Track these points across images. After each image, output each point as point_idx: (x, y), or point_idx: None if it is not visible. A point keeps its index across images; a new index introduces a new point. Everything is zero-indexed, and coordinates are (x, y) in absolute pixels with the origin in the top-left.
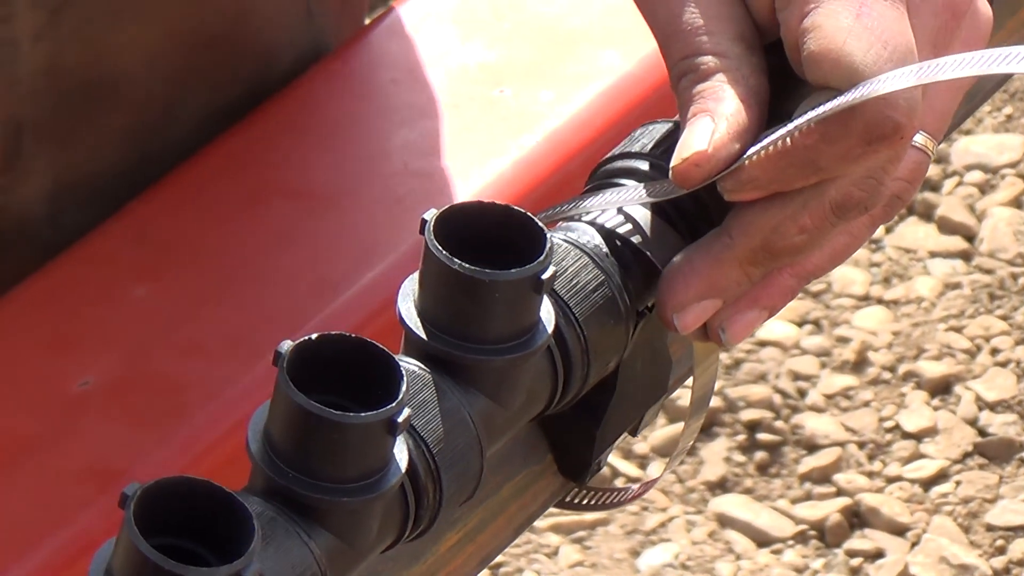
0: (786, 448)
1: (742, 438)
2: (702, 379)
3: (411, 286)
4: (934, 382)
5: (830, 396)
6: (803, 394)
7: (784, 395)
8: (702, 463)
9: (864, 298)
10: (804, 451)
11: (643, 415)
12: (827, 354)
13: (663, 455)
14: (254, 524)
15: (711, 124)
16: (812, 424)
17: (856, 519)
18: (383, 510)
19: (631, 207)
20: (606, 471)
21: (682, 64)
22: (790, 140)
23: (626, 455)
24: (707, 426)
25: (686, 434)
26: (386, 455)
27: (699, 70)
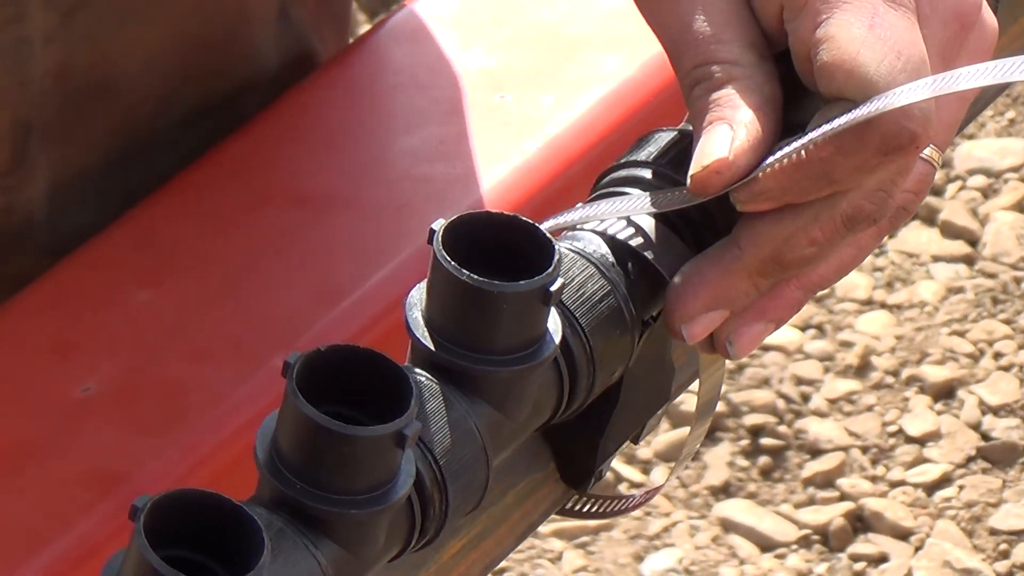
0: (789, 453)
1: (745, 443)
2: (708, 384)
3: (418, 295)
4: (937, 386)
5: (833, 401)
6: (806, 399)
7: (787, 400)
8: (705, 468)
9: (867, 302)
10: (807, 456)
11: (646, 423)
12: (830, 359)
13: (666, 460)
14: (264, 537)
15: (730, 132)
16: (815, 429)
17: (860, 523)
18: (390, 521)
19: (636, 215)
20: (609, 476)
21: (695, 73)
22: (805, 152)
23: (629, 460)
24: (710, 431)
25: (692, 439)
26: (395, 468)
27: (713, 78)
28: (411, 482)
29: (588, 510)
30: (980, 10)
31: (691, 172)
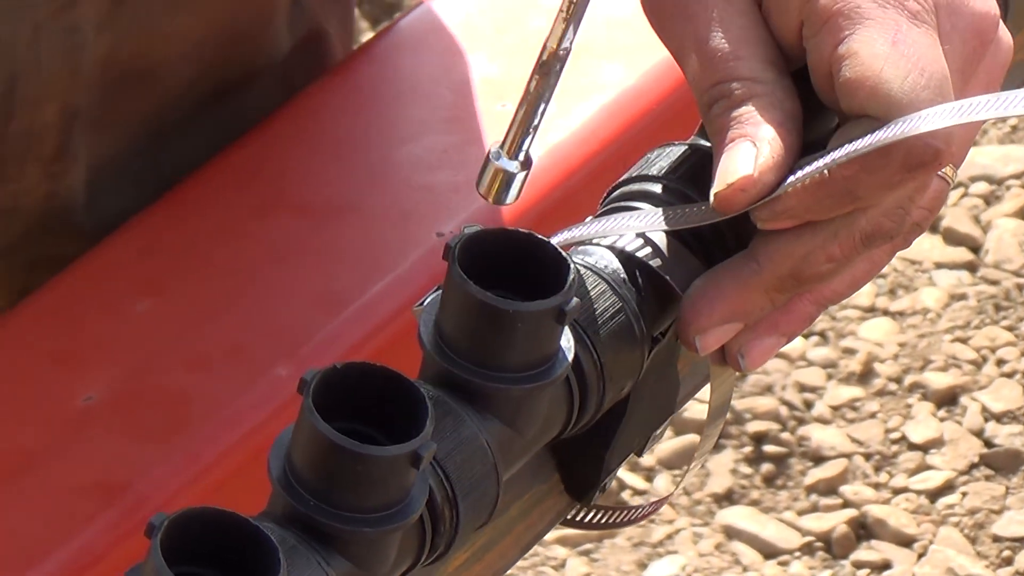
0: (792, 460)
1: (748, 450)
2: (718, 394)
3: (432, 310)
4: (940, 393)
5: (836, 408)
6: (809, 406)
7: (790, 407)
8: (709, 475)
9: (870, 309)
10: (810, 463)
11: (650, 436)
12: (833, 366)
13: (669, 467)
14: (280, 558)
15: (753, 149)
16: (818, 436)
17: (863, 530)
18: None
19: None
20: (612, 484)
21: (714, 90)
22: (828, 171)
23: (632, 467)
24: None
25: (701, 449)
26: (409, 486)
27: (733, 95)
28: (424, 501)
29: (593, 521)
30: (998, 27)
31: (715, 190)
